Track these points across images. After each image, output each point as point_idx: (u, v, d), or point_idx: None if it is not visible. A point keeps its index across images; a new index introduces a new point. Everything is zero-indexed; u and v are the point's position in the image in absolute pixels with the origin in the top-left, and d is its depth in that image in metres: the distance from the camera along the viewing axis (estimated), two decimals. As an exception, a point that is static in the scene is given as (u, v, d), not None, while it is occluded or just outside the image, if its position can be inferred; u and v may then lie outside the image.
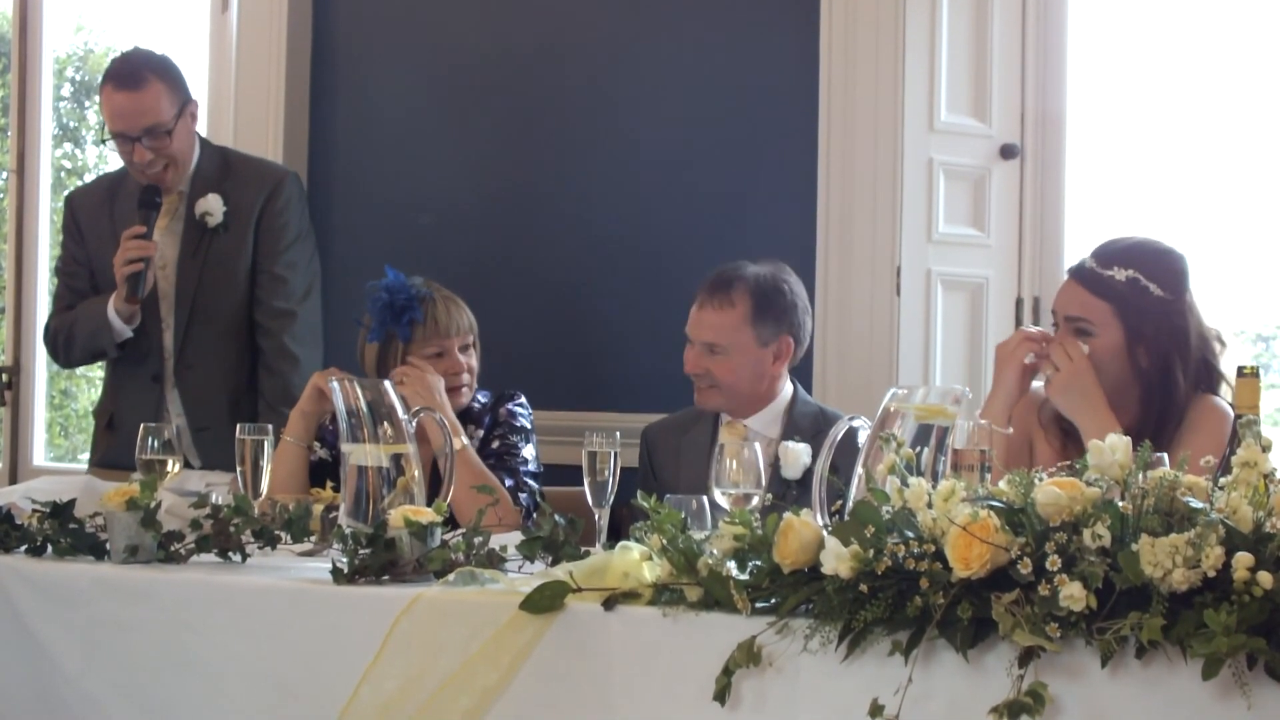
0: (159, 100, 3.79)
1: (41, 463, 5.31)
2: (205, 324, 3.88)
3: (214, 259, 3.88)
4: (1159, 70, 4.56)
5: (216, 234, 3.88)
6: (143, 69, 3.80)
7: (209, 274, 3.88)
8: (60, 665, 2.54)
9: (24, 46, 5.33)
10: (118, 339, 3.84)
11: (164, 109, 3.79)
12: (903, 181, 3.93)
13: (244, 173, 3.97)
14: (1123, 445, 1.92)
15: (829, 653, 1.92)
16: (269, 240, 3.91)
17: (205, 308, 3.88)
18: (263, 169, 4.05)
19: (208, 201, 3.87)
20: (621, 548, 2.19)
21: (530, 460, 3.54)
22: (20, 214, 5.31)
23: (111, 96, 3.80)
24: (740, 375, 3.39)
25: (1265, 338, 5.46)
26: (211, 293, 3.88)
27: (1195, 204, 4.82)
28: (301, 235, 3.99)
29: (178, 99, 3.83)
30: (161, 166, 3.82)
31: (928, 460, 2.17)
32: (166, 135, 3.79)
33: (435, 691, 2.15)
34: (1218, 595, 1.72)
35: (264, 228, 3.90)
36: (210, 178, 3.92)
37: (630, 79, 4.31)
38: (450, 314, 3.51)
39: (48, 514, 2.64)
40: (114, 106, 3.79)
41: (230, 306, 3.89)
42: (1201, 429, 2.86)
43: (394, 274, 3.52)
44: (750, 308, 3.39)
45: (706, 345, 3.40)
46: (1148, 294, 2.91)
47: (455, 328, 3.50)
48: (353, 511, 2.50)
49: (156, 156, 3.80)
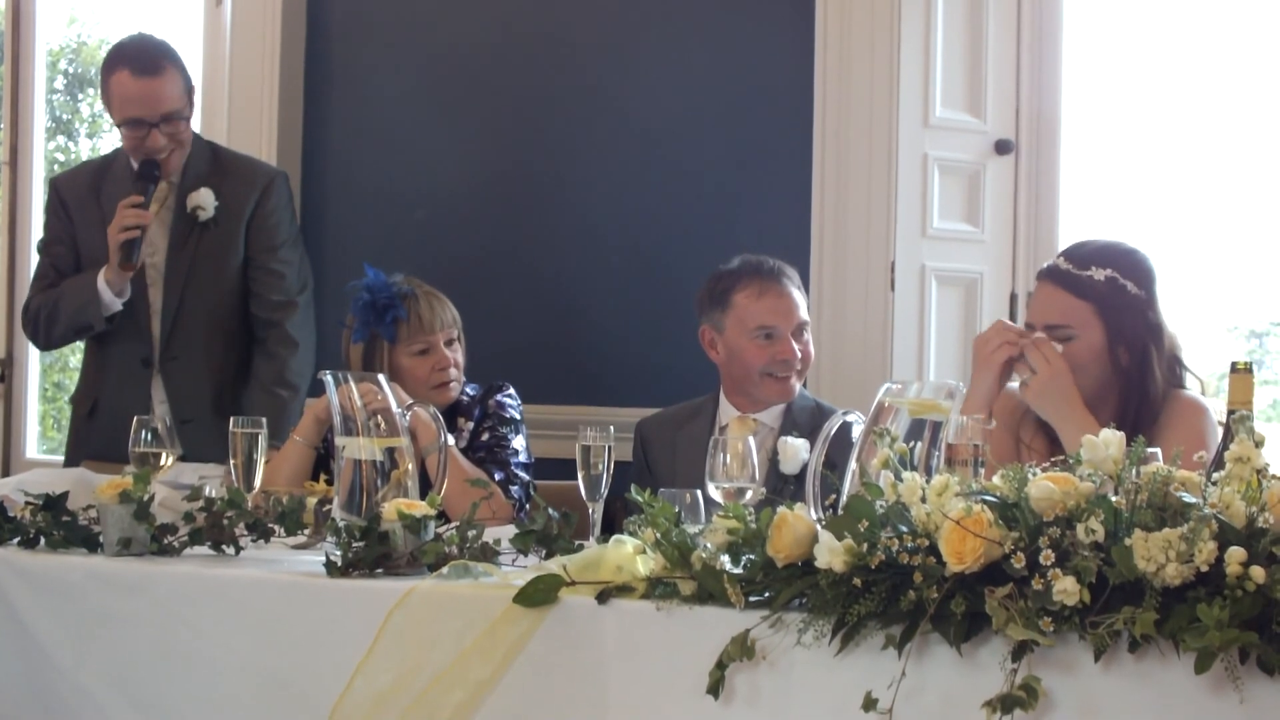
0: (176, 86, 3.82)
1: (34, 455, 5.30)
2: (192, 316, 3.88)
3: (203, 252, 3.88)
4: (1153, 66, 4.56)
5: (206, 228, 3.88)
6: (159, 56, 3.82)
7: (198, 267, 3.88)
8: (53, 658, 2.53)
9: (17, 39, 5.32)
10: (106, 312, 3.81)
11: (179, 95, 3.83)
12: (897, 177, 3.94)
13: (235, 170, 3.97)
14: (1116, 440, 1.92)
15: (822, 646, 1.92)
16: (263, 238, 3.91)
17: (193, 300, 3.88)
18: (254, 167, 4.06)
19: (200, 195, 3.87)
20: (615, 541, 2.18)
21: (520, 451, 3.53)
22: (13, 207, 5.30)
23: (128, 83, 3.78)
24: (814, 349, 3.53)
25: (1258, 334, 5.48)
26: (200, 286, 3.88)
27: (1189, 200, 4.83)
28: (294, 234, 4.01)
29: (187, 85, 3.87)
30: (169, 152, 3.84)
31: (921, 455, 2.18)
32: (184, 121, 3.84)
33: (429, 684, 2.15)
34: (1210, 590, 1.73)
35: (256, 226, 3.91)
36: (201, 171, 3.92)
37: (624, 73, 4.31)
38: (434, 309, 3.51)
39: (41, 507, 2.64)
40: (130, 92, 3.78)
41: (217, 301, 3.89)
42: (1179, 424, 2.88)
43: (374, 273, 3.52)
44: (802, 286, 3.51)
45: (799, 326, 3.44)
46: (1125, 292, 2.92)
47: (439, 323, 3.50)
48: (346, 505, 2.50)
49: (171, 142, 3.82)
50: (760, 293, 3.41)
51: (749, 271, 3.44)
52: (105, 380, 3.96)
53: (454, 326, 3.54)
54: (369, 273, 3.52)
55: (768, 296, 3.41)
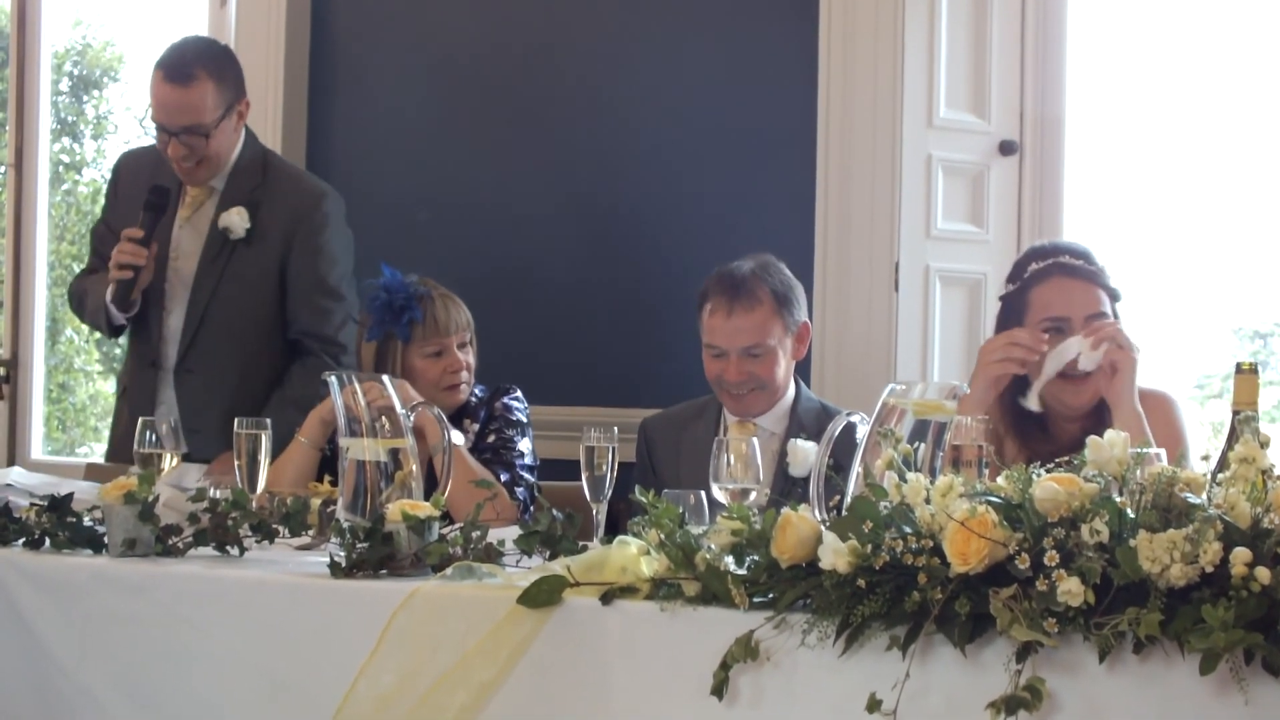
0: (204, 99, 3.69)
1: (40, 456, 5.31)
2: (213, 334, 3.80)
3: (233, 271, 3.79)
4: (1158, 67, 4.56)
5: (239, 245, 3.79)
6: (194, 64, 3.69)
7: (226, 286, 3.79)
8: (57, 658, 2.53)
9: (22, 41, 5.33)
10: (114, 322, 3.80)
11: (208, 109, 3.69)
12: (901, 177, 3.94)
13: (281, 186, 3.85)
14: (1120, 441, 1.92)
15: (826, 648, 1.92)
16: (305, 264, 3.80)
17: (215, 318, 3.80)
18: (300, 186, 3.91)
19: (230, 217, 3.76)
20: (619, 542, 2.18)
21: (526, 454, 3.53)
22: (18, 208, 5.31)
23: (159, 86, 3.70)
24: (780, 370, 3.39)
25: (1262, 334, 5.47)
26: (225, 302, 3.80)
27: (1193, 201, 4.83)
28: (340, 258, 3.87)
29: (225, 98, 3.73)
30: (194, 163, 3.74)
31: (925, 456, 2.18)
32: (204, 137, 3.70)
33: (432, 686, 2.15)
34: (1215, 591, 1.72)
35: (298, 250, 3.79)
36: (245, 182, 3.81)
37: (627, 75, 4.32)
38: (449, 312, 3.51)
39: (46, 507, 2.64)
40: (159, 97, 3.70)
41: (243, 322, 3.81)
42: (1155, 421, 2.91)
43: (391, 272, 3.51)
44: (773, 300, 3.37)
45: (745, 350, 3.35)
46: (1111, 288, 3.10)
47: (454, 325, 3.50)
48: (350, 505, 2.50)
49: (190, 153, 3.72)
50: (714, 310, 3.38)
51: (715, 287, 3.39)
52: (131, 384, 3.94)
53: (467, 329, 3.54)
54: (386, 272, 3.51)
55: (717, 316, 3.37)
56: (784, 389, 3.43)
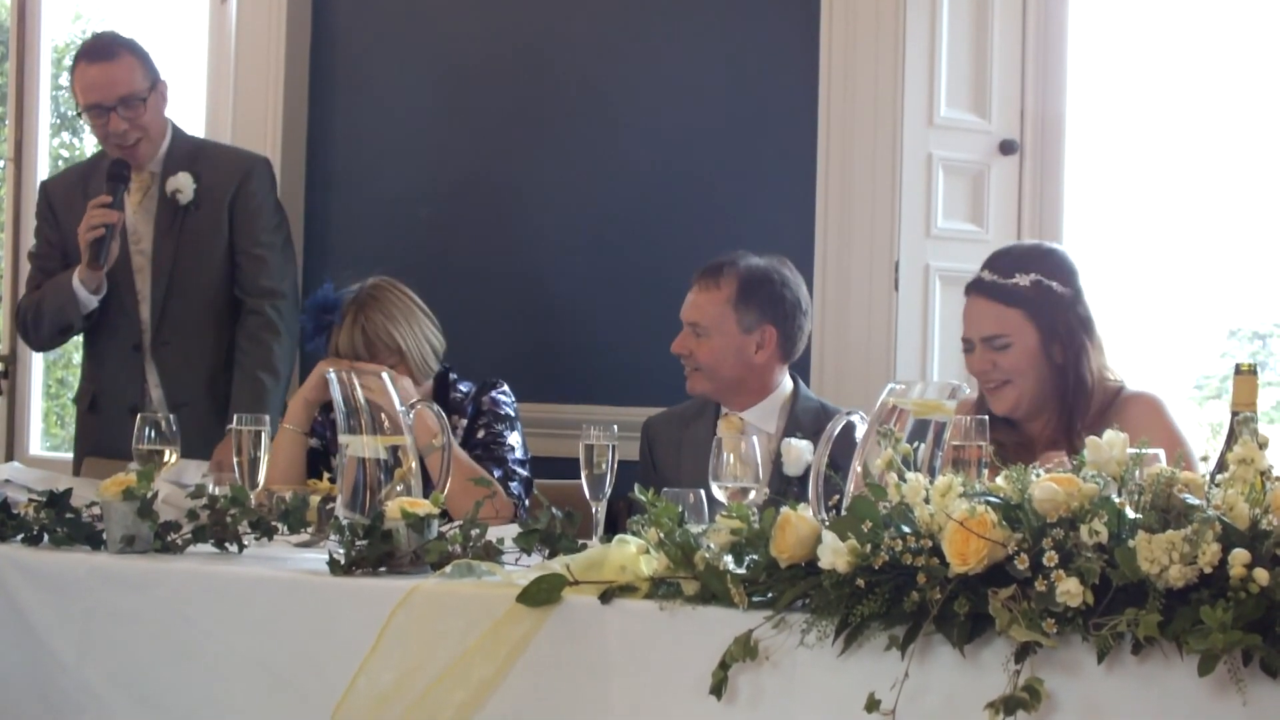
0: (132, 71, 3.86)
1: (38, 452, 5.31)
2: (181, 300, 3.91)
3: (188, 236, 3.92)
4: (1159, 67, 4.57)
5: (189, 211, 3.92)
6: (114, 44, 3.89)
7: (184, 251, 3.91)
8: (56, 655, 2.53)
9: (22, 35, 5.33)
10: (84, 310, 3.84)
11: (137, 80, 3.86)
12: (901, 176, 3.93)
13: (216, 156, 4.03)
14: (1120, 442, 1.92)
15: (825, 647, 1.92)
16: (246, 222, 3.95)
17: (181, 284, 3.91)
18: (235, 154, 4.13)
19: (178, 179, 3.91)
20: (619, 541, 2.18)
21: (517, 448, 3.53)
22: (18, 203, 5.31)
23: (85, 71, 3.86)
24: (720, 359, 3.38)
25: (1261, 335, 5.47)
26: (187, 270, 3.92)
27: (1192, 201, 4.83)
28: (277, 220, 4.04)
29: (149, 75, 3.90)
30: (135, 140, 3.87)
31: (925, 455, 2.18)
32: (141, 104, 3.85)
33: (431, 683, 2.15)
34: (1214, 591, 1.73)
35: (239, 209, 3.95)
36: (181, 159, 3.96)
37: (627, 73, 4.31)
38: (352, 338, 3.44)
39: (44, 503, 2.64)
40: (88, 80, 3.85)
41: (206, 284, 3.92)
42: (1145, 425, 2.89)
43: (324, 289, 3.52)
44: (735, 290, 3.39)
45: (691, 325, 3.41)
46: (1052, 292, 3.02)
47: (354, 351, 3.42)
48: (350, 503, 2.50)
49: (131, 127, 3.85)
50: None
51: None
52: (102, 372, 4.00)
53: (383, 350, 3.43)
54: (326, 288, 3.53)
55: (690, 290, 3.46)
56: (734, 380, 3.40)
